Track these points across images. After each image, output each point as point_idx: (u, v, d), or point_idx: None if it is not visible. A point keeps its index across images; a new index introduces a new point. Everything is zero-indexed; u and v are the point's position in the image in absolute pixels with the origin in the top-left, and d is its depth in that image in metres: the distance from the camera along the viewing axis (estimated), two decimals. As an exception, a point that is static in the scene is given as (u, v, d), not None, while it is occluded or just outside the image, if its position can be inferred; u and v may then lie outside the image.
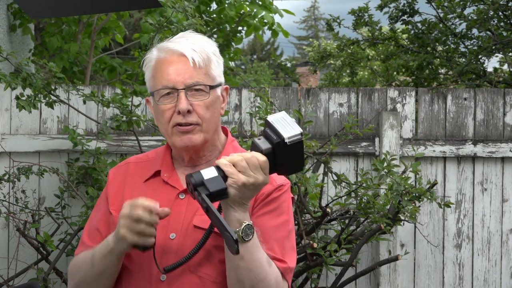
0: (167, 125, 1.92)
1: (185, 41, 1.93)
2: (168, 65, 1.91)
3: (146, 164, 2.04)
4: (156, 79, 1.93)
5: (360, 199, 3.72)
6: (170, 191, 1.95)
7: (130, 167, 2.06)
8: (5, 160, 4.04)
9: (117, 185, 2.02)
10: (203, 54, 1.91)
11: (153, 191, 1.96)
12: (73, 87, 3.80)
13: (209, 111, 1.92)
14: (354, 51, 7.27)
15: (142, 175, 2.01)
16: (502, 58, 6.19)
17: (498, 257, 4.29)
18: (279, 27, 7.06)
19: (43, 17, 5.99)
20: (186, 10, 4.04)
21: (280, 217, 1.93)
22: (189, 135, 1.91)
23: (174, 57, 1.91)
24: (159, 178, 1.98)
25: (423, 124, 4.30)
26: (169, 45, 1.93)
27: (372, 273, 4.17)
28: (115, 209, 1.97)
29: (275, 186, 1.94)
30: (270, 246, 1.88)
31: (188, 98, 1.89)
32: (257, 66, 28.13)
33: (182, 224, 1.89)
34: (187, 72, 1.89)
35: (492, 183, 4.29)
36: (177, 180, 1.96)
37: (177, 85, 1.89)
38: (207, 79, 1.91)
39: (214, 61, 1.94)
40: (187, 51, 1.90)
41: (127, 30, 7.41)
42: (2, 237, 4.10)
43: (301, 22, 42.81)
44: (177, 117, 1.90)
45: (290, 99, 4.25)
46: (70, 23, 6.59)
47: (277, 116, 1.75)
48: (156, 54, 1.95)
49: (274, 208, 1.93)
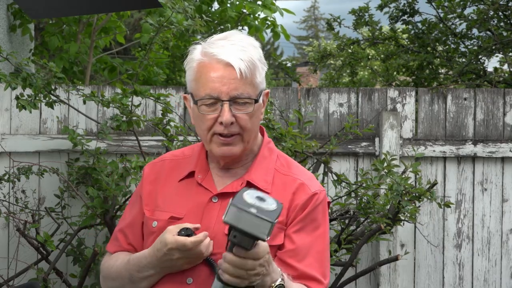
0: (207, 132, 1.88)
1: (230, 46, 1.85)
2: (213, 72, 1.84)
3: (182, 162, 2.00)
4: (199, 85, 1.87)
5: (360, 199, 3.72)
6: (204, 194, 1.91)
7: (166, 164, 2.02)
8: (5, 160, 4.04)
9: (152, 183, 1.99)
10: (249, 63, 1.84)
11: (186, 192, 1.93)
12: (73, 87, 3.79)
13: (252, 121, 1.87)
14: (354, 50, 7.27)
15: (177, 174, 1.97)
16: (502, 58, 6.18)
17: (498, 257, 4.29)
18: (282, 29, 7.05)
19: (43, 17, 5.99)
20: (186, 11, 4.04)
21: (317, 230, 1.90)
22: (229, 146, 1.87)
23: (220, 65, 1.84)
24: (193, 179, 1.94)
25: (423, 124, 4.30)
26: (214, 50, 1.85)
27: (372, 273, 4.17)
28: (149, 209, 1.96)
29: (309, 194, 1.90)
30: (309, 263, 1.86)
31: (232, 110, 1.84)
32: (257, 66, 28.06)
33: (213, 228, 1.86)
34: (233, 83, 1.83)
35: (492, 183, 4.29)
36: (211, 182, 1.93)
37: (222, 96, 1.83)
38: (251, 89, 1.85)
39: (259, 68, 1.88)
40: (234, 60, 1.83)
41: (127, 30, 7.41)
42: (2, 237, 4.10)
43: (301, 22, 42.80)
44: (219, 127, 1.85)
45: (290, 99, 4.25)
46: (71, 23, 6.59)
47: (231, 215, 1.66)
48: (200, 57, 1.88)
49: (311, 221, 1.89)
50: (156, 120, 3.75)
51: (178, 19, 4.55)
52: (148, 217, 1.95)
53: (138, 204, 2.00)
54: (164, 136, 3.74)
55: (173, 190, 1.95)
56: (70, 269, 4.06)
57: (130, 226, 2.00)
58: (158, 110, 4.14)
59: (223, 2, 7.15)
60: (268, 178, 1.91)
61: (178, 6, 3.88)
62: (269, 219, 1.63)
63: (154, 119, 3.78)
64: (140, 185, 2.04)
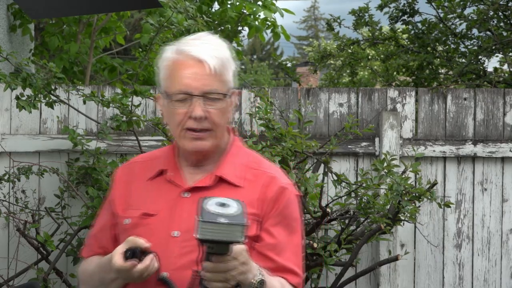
0: (178, 127, 1.92)
1: (203, 45, 1.92)
2: (185, 69, 1.90)
3: (152, 163, 2.04)
4: (172, 81, 1.92)
5: (360, 199, 3.72)
6: (174, 190, 1.96)
7: (136, 166, 2.07)
8: (5, 160, 4.04)
9: (123, 185, 2.04)
10: (220, 60, 1.90)
11: (156, 190, 1.98)
12: (73, 87, 3.79)
13: (222, 117, 1.93)
14: (354, 51, 7.27)
15: (147, 174, 2.02)
16: (502, 58, 6.19)
17: (498, 257, 4.29)
18: (282, 29, 7.05)
19: (43, 17, 5.99)
20: (187, 10, 4.04)
21: (294, 225, 1.96)
22: (201, 141, 1.91)
23: (192, 62, 1.90)
24: (164, 177, 1.99)
25: (423, 124, 4.30)
26: (187, 48, 1.92)
27: (372, 273, 4.17)
28: (122, 209, 2.00)
29: (281, 187, 1.96)
30: (287, 257, 1.92)
31: (204, 105, 1.89)
32: (257, 66, 28.14)
33: (186, 222, 1.89)
34: (204, 78, 1.88)
35: (492, 183, 4.29)
36: (181, 178, 1.97)
37: (194, 91, 1.89)
38: (222, 85, 1.91)
39: (229, 66, 1.94)
40: (206, 56, 1.89)
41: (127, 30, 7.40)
42: (2, 237, 4.10)
43: (301, 22, 42.84)
44: (190, 122, 1.90)
45: (290, 99, 4.25)
46: (71, 23, 6.59)
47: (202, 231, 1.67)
48: (173, 55, 1.94)
49: (287, 215, 1.95)
50: (156, 120, 3.75)
51: (179, 19, 4.55)
52: (120, 216, 1.99)
53: (109, 208, 2.05)
54: (164, 136, 3.74)
55: (144, 188, 2.00)
56: (70, 269, 4.06)
57: (101, 230, 2.05)
58: (158, 110, 4.14)
59: (223, 2, 7.15)
60: (238, 173, 1.96)
61: (180, 5, 3.88)
62: (241, 222, 1.67)
63: (154, 119, 3.78)
64: (111, 189, 2.08)
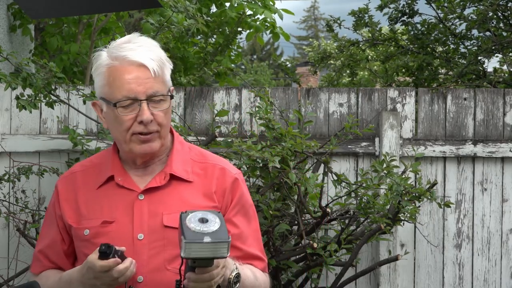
0: (126, 133, 1.93)
1: (138, 48, 1.92)
2: (126, 74, 1.90)
3: (94, 170, 2.03)
4: (113, 88, 1.91)
5: (360, 199, 3.72)
6: (128, 194, 1.96)
7: (78, 176, 2.04)
8: (5, 160, 4.04)
9: (69, 198, 2.01)
10: (159, 63, 1.92)
11: (109, 197, 1.97)
12: (73, 87, 3.80)
13: (167, 117, 1.95)
14: (353, 52, 7.26)
15: (93, 182, 2.00)
16: (502, 58, 6.19)
17: (498, 257, 4.29)
18: (281, 30, 7.06)
19: (43, 17, 5.98)
20: (187, 10, 4.04)
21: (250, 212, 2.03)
22: (149, 143, 1.93)
23: (132, 67, 1.90)
24: (113, 183, 1.98)
25: (423, 124, 4.30)
26: (123, 53, 1.91)
27: (372, 273, 4.17)
28: (74, 221, 1.97)
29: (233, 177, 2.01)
30: (250, 243, 1.98)
31: (150, 108, 1.90)
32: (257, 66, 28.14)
33: (148, 224, 1.91)
34: (148, 82, 1.90)
35: (492, 183, 4.29)
36: (132, 182, 1.97)
37: (139, 96, 1.89)
38: (164, 86, 1.93)
39: (167, 66, 1.96)
40: (146, 60, 1.89)
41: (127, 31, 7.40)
42: (2, 237, 4.10)
43: (301, 22, 42.82)
44: (138, 127, 1.91)
45: (290, 99, 4.25)
46: (70, 24, 6.59)
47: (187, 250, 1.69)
48: (109, 61, 1.92)
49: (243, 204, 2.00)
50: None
51: (179, 19, 4.55)
52: (76, 228, 1.97)
53: (55, 223, 2.02)
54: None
55: (94, 197, 1.98)
56: (70, 269, 4.05)
57: (49, 247, 2.02)
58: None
59: (221, 4, 7.15)
60: (187, 168, 1.99)
61: (180, 5, 3.88)
62: (225, 240, 1.69)
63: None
64: (54, 202, 2.05)
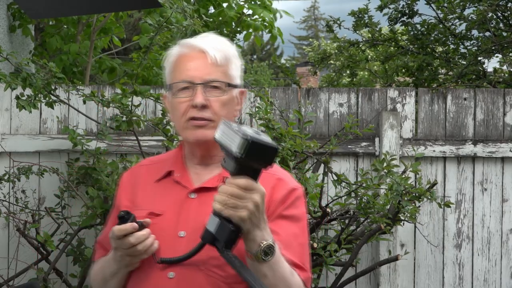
0: (182, 119, 1.94)
1: (207, 39, 1.96)
2: (188, 60, 1.94)
3: (159, 165, 2.05)
4: (175, 73, 1.95)
5: (360, 199, 3.72)
6: (181, 191, 1.96)
7: (143, 170, 2.08)
8: (5, 160, 4.04)
9: (129, 189, 2.05)
10: (223, 53, 1.94)
11: (163, 191, 1.98)
12: (73, 87, 3.79)
13: (224, 108, 1.93)
14: (352, 53, 7.26)
15: (155, 176, 2.03)
16: (502, 58, 6.19)
17: (498, 257, 4.29)
18: (279, 32, 7.06)
19: (42, 17, 5.99)
20: (184, 11, 4.04)
21: (298, 223, 1.95)
22: (202, 129, 1.92)
23: (195, 53, 1.94)
24: (171, 178, 1.99)
25: (423, 124, 4.30)
26: (191, 41, 1.97)
27: (372, 273, 4.17)
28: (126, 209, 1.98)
29: (288, 189, 1.94)
30: (292, 253, 1.89)
31: (205, 93, 1.91)
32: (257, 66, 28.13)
33: (192, 222, 1.89)
34: (206, 68, 1.92)
35: (492, 183, 4.29)
36: (189, 179, 1.97)
37: (195, 80, 1.91)
38: (225, 77, 1.93)
39: (234, 62, 1.97)
40: (208, 48, 1.93)
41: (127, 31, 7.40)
42: (2, 237, 4.10)
43: (301, 22, 42.80)
44: (192, 111, 1.91)
45: (290, 99, 4.25)
46: (69, 25, 6.59)
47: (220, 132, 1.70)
48: (177, 49, 1.98)
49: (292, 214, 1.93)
50: (156, 120, 3.75)
51: (178, 19, 4.55)
52: None
53: (114, 213, 2.06)
54: (164, 136, 3.74)
55: (150, 190, 2.00)
56: (70, 269, 4.06)
57: (105, 236, 2.04)
58: (158, 110, 4.14)
59: (219, 5, 7.15)
60: None
61: (177, 5, 3.88)
62: (244, 136, 1.61)
63: (154, 119, 3.78)
64: (116, 193, 2.09)
